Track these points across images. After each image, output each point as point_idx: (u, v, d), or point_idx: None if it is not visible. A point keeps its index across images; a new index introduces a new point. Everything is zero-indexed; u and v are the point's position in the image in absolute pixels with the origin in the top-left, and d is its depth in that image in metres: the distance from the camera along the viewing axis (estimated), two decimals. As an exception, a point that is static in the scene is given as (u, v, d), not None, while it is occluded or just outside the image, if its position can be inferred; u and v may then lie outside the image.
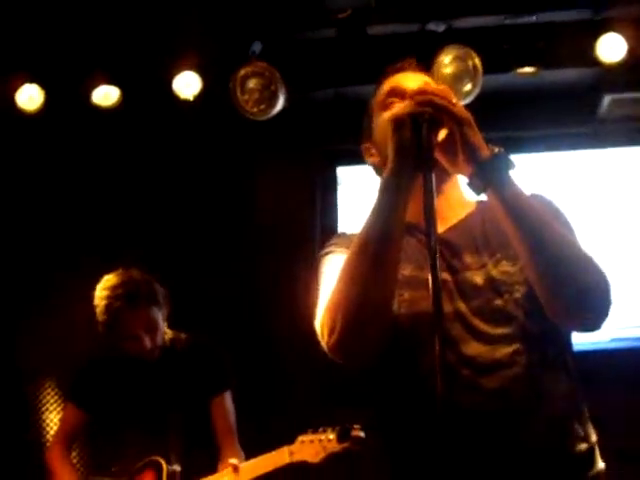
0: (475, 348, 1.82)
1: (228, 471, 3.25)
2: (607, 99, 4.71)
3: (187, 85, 4.47)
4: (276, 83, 4.37)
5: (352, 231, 2.01)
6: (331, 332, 1.78)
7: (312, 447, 3.05)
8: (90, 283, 3.52)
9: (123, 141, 4.95)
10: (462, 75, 4.23)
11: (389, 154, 1.78)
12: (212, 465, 3.42)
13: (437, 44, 4.24)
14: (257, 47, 4.40)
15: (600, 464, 1.88)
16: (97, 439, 4.10)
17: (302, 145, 5.06)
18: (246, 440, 3.59)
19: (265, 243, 4.89)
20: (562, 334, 1.91)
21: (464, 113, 1.77)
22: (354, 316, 1.75)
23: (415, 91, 1.83)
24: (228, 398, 3.59)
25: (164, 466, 3.39)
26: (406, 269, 1.91)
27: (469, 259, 1.92)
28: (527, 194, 1.81)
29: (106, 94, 4.53)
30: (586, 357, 4.23)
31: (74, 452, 4.24)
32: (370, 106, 2.15)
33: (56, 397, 4.87)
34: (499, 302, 1.86)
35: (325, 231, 4.91)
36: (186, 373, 3.54)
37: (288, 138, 4.97)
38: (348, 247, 1.86)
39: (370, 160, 2.14)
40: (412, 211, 1.81)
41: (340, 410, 3.48)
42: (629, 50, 4.25)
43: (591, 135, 4.99)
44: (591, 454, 1.86)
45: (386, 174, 1.79)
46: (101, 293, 3.44)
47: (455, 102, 1.79)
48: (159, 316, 3.49)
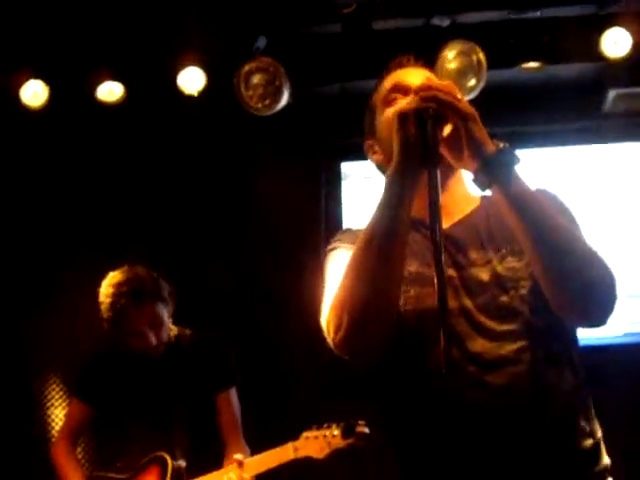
0: (481, 344, 1.82)
1: (233, 467, 3.26)
2: (612, 94, 4.70)
3: (191, 81, 4.47)
4: (280, 78, 4.36)
5: (357, 227, 2.00)
6: (337, 329, 1.77)
7: (317, 443, 3.05)
8: (95, 279, 3.52)
9: (127, 137, 4.95)
10: (466, 70, 4.23)
11: (394, 150, 1.78)
12: (217, 461, 3.43)
13: (441, 39, 4.24)
14: (261, 42, 4.40)
15: (606, 460, 1.88)
16: (102, 434, 4.12)
17: (307, 140, 5.05)
18: (251, 436, 3.60)
19: (269, 238, 4.89)
20: (567, 330, 1.90)
21: (469, 108, 1.77)
22: (360, 313, 1.74)
23: (419, 87, 1.81)
24: (233, 394, 3.59)
25: (169, 462, 3.40)
26: (412, 265, 1.91)
27: (474, 255, 1.91)
28: (532, 189, 1.80)
29: (110, 90, 4.53)
30: (600, 352, 4.28)
31: (79, 447, 4.24)
32: (372, 102, 2.14)
33: (61, 392, 4.87)
34: (505, 298, 1.85)
35: (330, 226, 4.91)
36: (191, 369, 3.54)
37: (292, 133, 4.97)
38: (354, 243, 1.86)
39: (373, 157, 2.13)
40: (417, 207, 1.80)
41: (345, 406, 3.47)
42: (634, 45, 4.24)
43: (596, 130, 4.97)
44: (597, 450, 1.86)
45: (391, 170, 1.79)
46: (106, 290, 3.44)
47: (460, 97, 1.78)
48: (164, 312, 3.49)
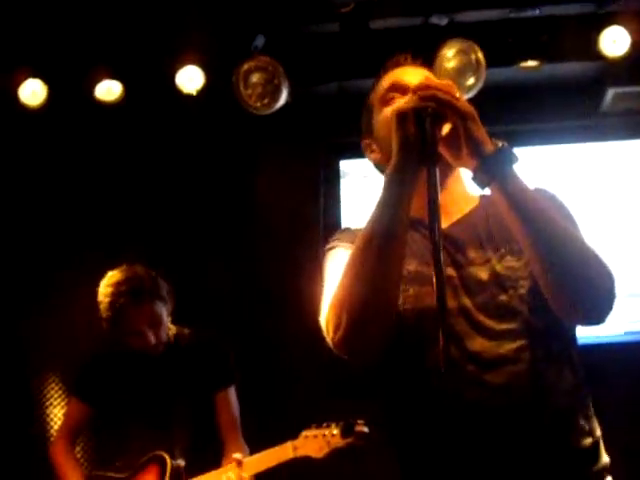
0: (480, 344, 1.82)
1: (232, 466, 3.26)
2: (610, 92, 4.70)
3: (190, 80, 4.47)
4: (279, 77, 4.36)
5: (356, 226, 2.00)
6: (336, 329, 1.77)
7: (316, 442, 3.05)
8: (94, 278, 3.52)
9: (126, 136, 4.95)
10: (465, 69, 4.23)
11: (393, 149, 1.78)
12: (216, 460, 3.43)
13: (440, 38, 4.23)
14: (260, 41, 4.39)
15: (605, 458, 1.88)
16: (101, 434, 4.11)
17: (305, 139, 5.05)
18: (250, 435, 3.60)
19: (268, 237, 4.89)
20: (566, 329, 1.91)
21: (467, 107, 1.76)
22: (359, 313, 1.74)
23: (418, 86, 1.81)
24: (232, 393, 3.59)
25: (168, 461, 3.40)
26: (411, 265, 1.91)
27: (473, 254, 1.91)
28: (531, 188, 1.80)
29: (109, 89, 4.52)
30: (600, 351, 4.29)
31: (78, 447, 4.24)
32: (369, 102, 2.13)
33: (60, 392, 4.87)
34: (504, 297, 1.85)
35: (328, 224, 4.91)
36: (190, 368, 3.54)
37: (291, 132, 4.97)
38: (352, 242, 1.86)
39: (371, 156, 2.13)
40: (416, 206, 1.80)
41: (344, 405, 3.47)
42: (632, 44, 4.24)
43: (594, 128, 4.98)
44: (596, 448, 1.86)
45: (390, 169, 1.79)
46: (105, 290, 3.44)
47: (458, 96, 1.78)
48: (163, 311, 3.49)
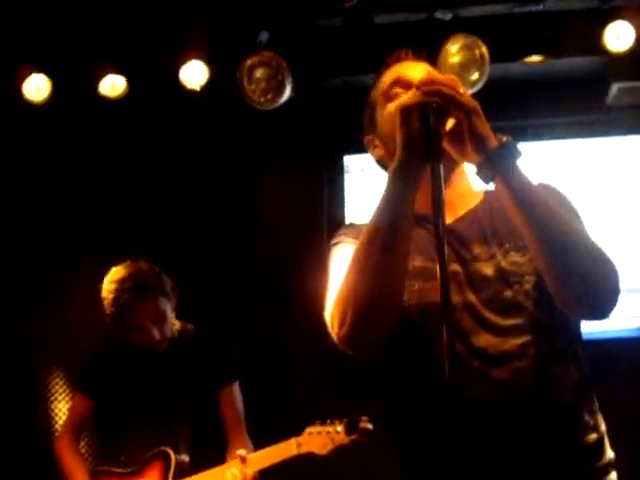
0: (485, 339, 1.82)
1: (236, 462, 3.25)
2: (615, 87, 4.68)
3: (194, 75, 4.46)
4: (283, 72, 4.36)
5: (361, 221, 2.00)
6: (341, 324, 1.77)
7: (320, 439, 3.05)
8: (98, 274, 3.52)
9: (130, 132, 4.95)
10: (469, 64, 4.22)
11: (397, 145, 1.77)
12: (220, 456, 3.43)
13: (444, 33, 4.21)
14: (264, 37, 4.39)
15: (610, 454, 1.88)
16: (106, 429, 4.11)
17: (309, 134, 5.05)
18: (254, 431, 3.59)
19: (272, 232, 4.89)
20: (571, 324, 1.91)
21: (472, 102, 1.76)
22: (364, 309, 1.74)
23: (422, 81, 1.79)
24: (236, 389, 3.59)
25: (172, 456, 3.40)
26: (416, 260, 1.90)
27: (478, 250, 1.91)
28: (535, 183, 1.80)
29: (113, 84, 4.52)
30: (605, 345, 4.28)
31: (83, 442, 4.25)
32: (371, 97, 2.13)
33: (65, 387, 4.88)
34: (509, 293, 1.85)
35: (332, 219, 4.92)
36: (194, 364, 3.54)
37: (295, 127, 4.97)
38: (357, 237, 1.86)
39: (374, 152, 2.13)
40: (421, 202, 1.80)
41: (348, 401, 3.47)
42: (637, 39, 4.22)
43: (599, 123, 4.97)
44: (601, 444, 1.86)
45: (394, 165, 1.78)
46: (109, 286, 3.43)
47: (462, 91, 1.77)
48: (167, 307, 3.49)
